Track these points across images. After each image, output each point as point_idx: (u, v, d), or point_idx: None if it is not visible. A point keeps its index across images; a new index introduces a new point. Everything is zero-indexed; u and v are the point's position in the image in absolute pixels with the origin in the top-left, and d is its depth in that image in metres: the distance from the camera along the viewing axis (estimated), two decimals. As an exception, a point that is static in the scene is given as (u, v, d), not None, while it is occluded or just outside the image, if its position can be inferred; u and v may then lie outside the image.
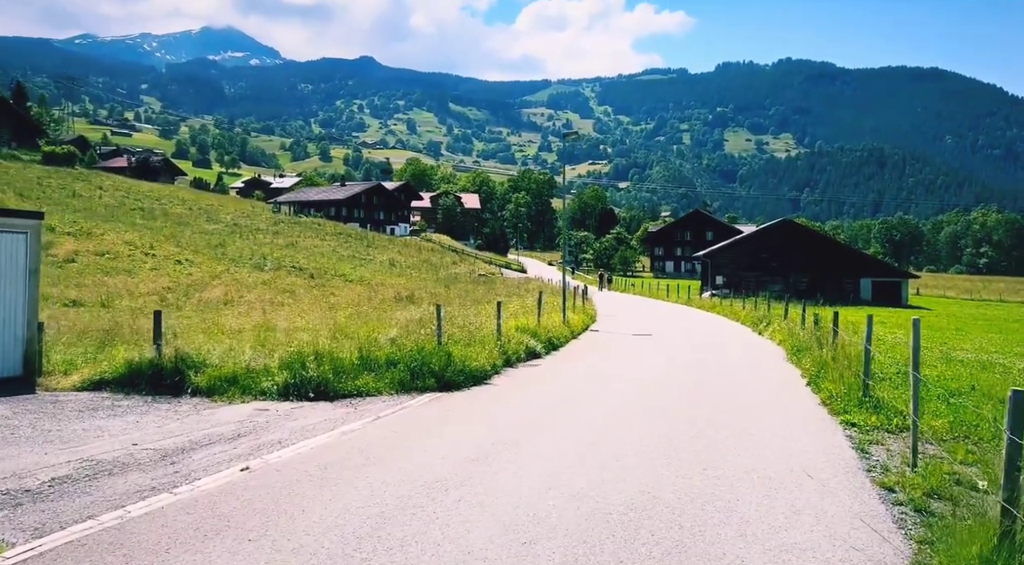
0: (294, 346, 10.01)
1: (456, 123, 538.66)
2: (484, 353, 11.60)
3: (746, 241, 59.98)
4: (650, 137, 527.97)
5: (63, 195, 50.82)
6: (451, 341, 11.66)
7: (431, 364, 10.04)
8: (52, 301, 23.34)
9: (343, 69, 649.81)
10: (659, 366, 13.22)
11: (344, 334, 13.15)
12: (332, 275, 42.71)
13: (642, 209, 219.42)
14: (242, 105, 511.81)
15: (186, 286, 30.43)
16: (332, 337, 12.89)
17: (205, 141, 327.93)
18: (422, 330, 11.90)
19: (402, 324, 13.11)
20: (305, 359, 9.34)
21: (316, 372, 9.16)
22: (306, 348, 9.75)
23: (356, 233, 69.80)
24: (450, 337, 11.91)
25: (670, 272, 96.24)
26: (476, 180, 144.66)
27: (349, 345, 10.64)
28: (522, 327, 14.76)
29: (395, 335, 11.73)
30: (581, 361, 13.80)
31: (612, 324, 23.18)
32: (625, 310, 32.86)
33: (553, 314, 19.01)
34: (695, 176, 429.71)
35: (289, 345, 10.18)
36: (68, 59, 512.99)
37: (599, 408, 8.43)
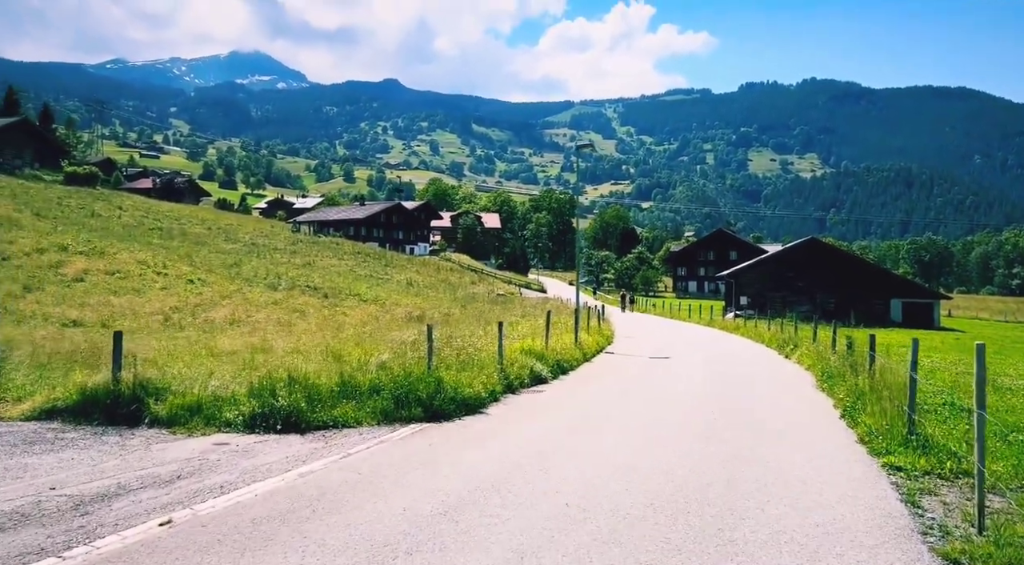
0: (265, 371, 9.04)
1: (479, 144, 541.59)
2: (481, 378, 10.57)
3: (771, 260, 58.49)
4: (673, 157, 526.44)
5: (82, 215, 50.81)
6: (444, 365, 10.65)
7: (418, 391, 9.02)
8: (52, 321, 22.79)
9: (368, 92, 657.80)
10: (674, 395, 12.07)
11: (336, 356, 12.23)
12: (347, 295, 42.02)
13: (665, 229, 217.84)
14: (269, 128, 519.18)
15: (193, 306, 29.82)
16: (324, 359, 11.98)
17: (231, 163, 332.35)
18: (412, 353, 10.88)
19: (396, 345, 12.14)
20: (276, 386, 8.36)
21: (287, 401, 8.17)
22: (279, 373, 8.78)
23: (374, 252, 69.30)
24: (443, 361, 10.89)
25: (693, 292, 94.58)
26: (497, 200, 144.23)
27: (331, 369, 9.67)
28: (528, 349, 13.71)
29: (387, 358, 10.74)
30: (588, 388, 12.68)
31: (629, 346, 22.05)
32: (644, 331, 31.67)
33: (565, 335, 17.95)
34: (719, 196, 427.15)
35: (272, 368, 9.22)
36: (100, 83, 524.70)
37: (599, 456, 7.34)
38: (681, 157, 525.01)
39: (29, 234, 37.24)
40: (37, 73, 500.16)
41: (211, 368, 10.10)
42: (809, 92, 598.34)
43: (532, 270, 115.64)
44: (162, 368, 9.78)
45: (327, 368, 9.67)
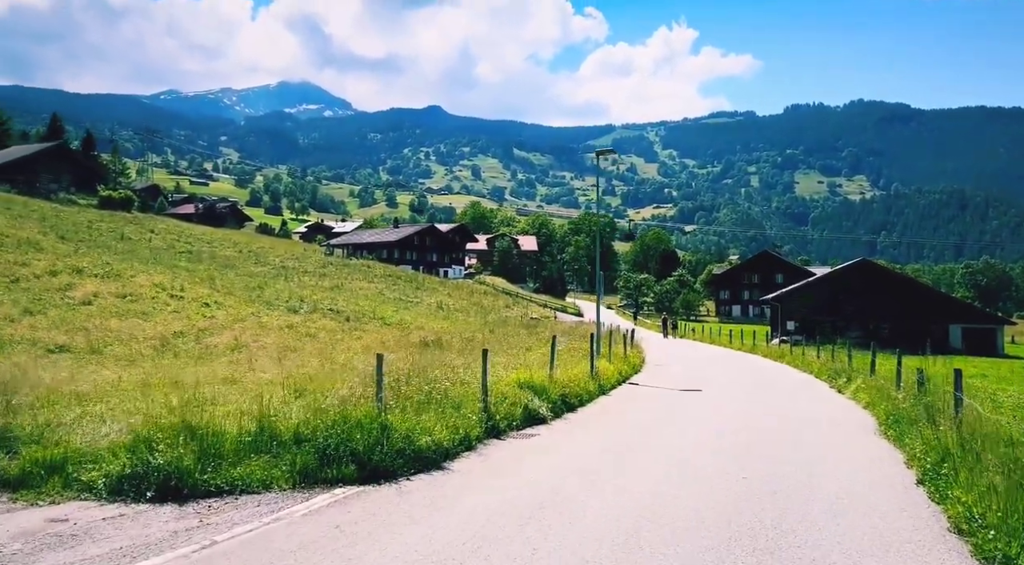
0: (162, 413, 7.03)
1: (520, 168, 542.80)
2: (451, 421, 8.45)
3: (820, 283, 55.31)
4: (717, 180, 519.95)
5: (111, 238, 50.34)
6: (402, 406, 8.52)
7: (352, 442, 6.95)
8: (38, 346, 21.43)
9: (411, 118, 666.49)
10: (699, 443, 9.70)
11: (300, 391, 10.29)
12: (371, 318, 40.34)
13: (708, 252, 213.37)
14: (315, 155, 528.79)
15: (199, 330, 28.35)
16: (291, 393, 10.08)
17: (277, 189, 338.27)
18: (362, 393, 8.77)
19: (365, 377, 10.07)
20: (157, 437, 6.36)
21: (168, 457, 6.17)
22: (168, 419, 6.78)
23: (406, 275, 67.84)
24: (406, 399, 8.75)
25: (737, 316, 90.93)
26: (535, 223, 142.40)
27: (270, 409, 7.63)
28: (525, 382, 11.52)
29: (346, 394, 8.68)
30: (591, 434, 10.38)
31: (658, 375, 19.65)
32: (679, 357, 29.10)
33: (582, 363, 15.71)
34: (764, 219, 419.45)
35: (169, 410, 7.22)
36: (154, 113, 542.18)
37: (590, 544, 5.09)
38: (725, 180, 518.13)
39: (47, 256, 36.44)
40: (95, 104, 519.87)
41: (117, 409, 8.16)
42: (857, 113, 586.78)
43: (570, 293, 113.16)
44: (48, 409, 7.87)
45: (251, 411, 7.64)
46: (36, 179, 61.62)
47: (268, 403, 7.89)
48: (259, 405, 7.32)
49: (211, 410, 7.55)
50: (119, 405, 8.73)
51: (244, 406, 7.98)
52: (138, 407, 8.13)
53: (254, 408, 7.45)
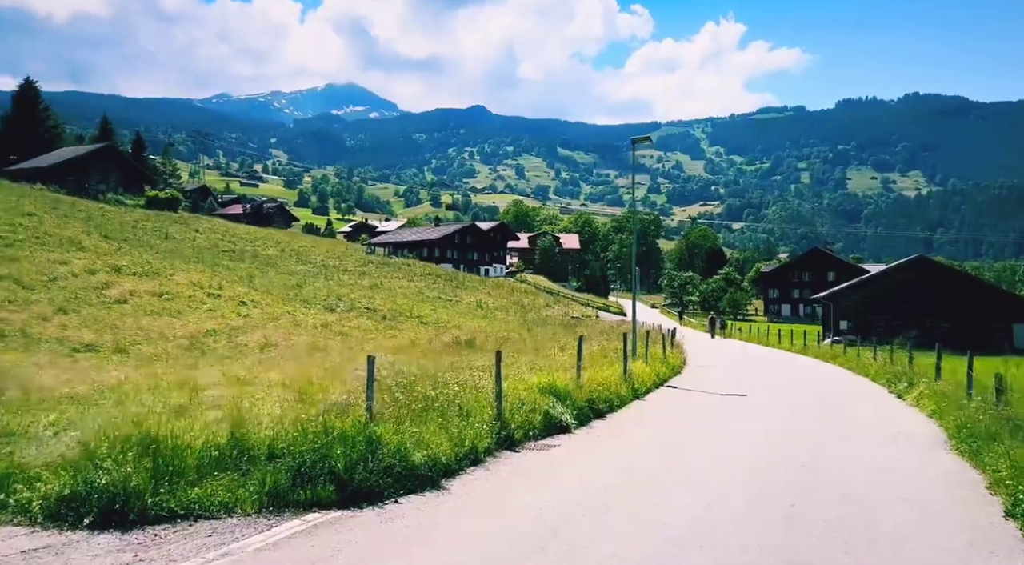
0: (118, 422, 6.21)
1: (564, 167, 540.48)
2: (459, 430, 7.49)
3: (874, 281, 52.94)
4: (766, 177, 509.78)
5: (155, 237, 50.81)
6: (402, 411, 7.57)
7: (332, 458, 6.04)
8: (65, 345, 21.20)
9: (455, 118, 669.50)
10: (741, 459, 8.53)
11: (303, 395, 9.49)
12: (408, 317, 39.75)
13: (756, 250, 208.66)
14: (361, 156, 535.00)
15: (232, 329, 28.00)
16: (298, 398, 9.29)
17: (325, 190, 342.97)
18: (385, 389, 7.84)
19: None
20: (96, 453, 5.52)
21: (115, 476, 5.34)
22: (125, 428, 5.95)
23: (446, 274, 67.30)
24: (402, 406, 7.79)
25: (787, 316, 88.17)
26: (578, 221, 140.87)
27: (255, 416, 6.79)
28: (547, 386, 10.49)
29: (340, 400, 7.80)
30: (621, 445, 9.27)
31: (700, 378, 18.39)
32: (724, 358, 27.65)
33: (616, 365, 14.60)
34: (815, 216, 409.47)
35: (124, 419, 6.40)
36: (206, 117, 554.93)
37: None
38: (774, 176, 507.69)
39: (87, 255, 36.69)
40: (150, 108, 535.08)
41: (93, 416, 7.39)
42: (912, 107, 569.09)
43: (613, 292, 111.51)
44: (18, 415, 7.15)
45: (231, 417, 6.79)
46: (85, 180, 62.75)
47: (250, 410, 7.06)
48: (234, 413, 6.47)
49: (194, 418, 6.77)
50: (97, 411, 8.00)
51: (230, 414, 7.14)
52: (112, 414, 7.36)
53: (234, 417, 6.61)
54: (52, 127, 75.67)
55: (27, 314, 24.00)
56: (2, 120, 73.92)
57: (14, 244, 35.15)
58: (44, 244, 37.57)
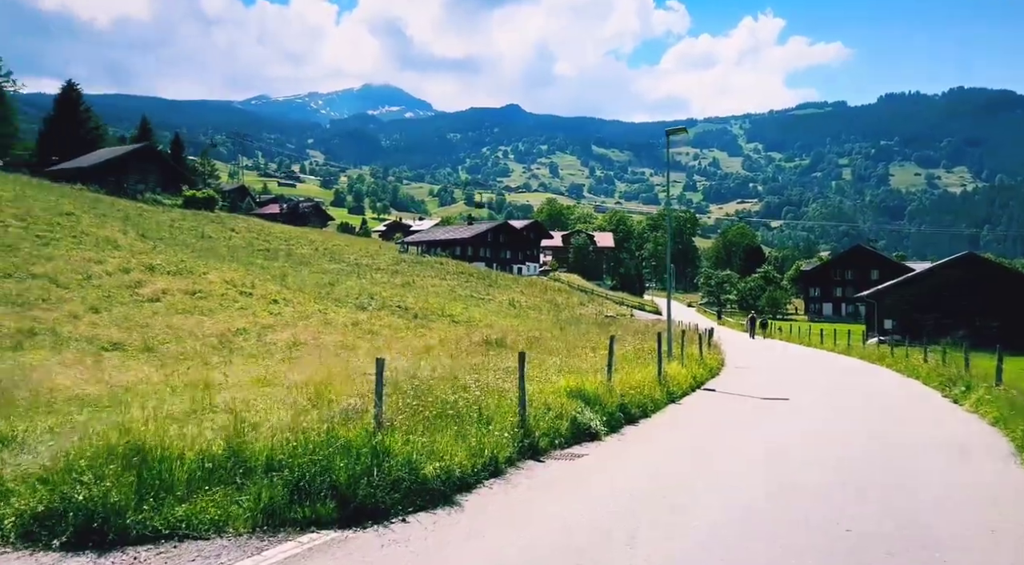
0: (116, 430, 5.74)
1: (599, 165, 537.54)
2: (478, 439, 6.91)
3: (920, 279, 51.18)
4: (805, 173, 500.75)
5: (191, 236, 51.24)
6: (416, 418, 7.01)
7: (334, 471, 5.50)
8: (94, 344, 21.14)
9: (490, 117, 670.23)
10: (784, 473, 7.77)
11: (319, 396, 9.01)
12: (439, 315, 39.37)
13: (796, 248, 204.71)
14: (396, 155, 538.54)
15: (262, 327, 27.84)
16: (312, 401, 8.83)
17: (360, 189, 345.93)
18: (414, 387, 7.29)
19: (389, 379, 8.63)
20: (76, 466, 5.04)
21: (93, 492, 4.85)
22: (113, 436, 5.47)
23: (479, 272, 66.94)
24: (414, 412, 7.22)
25: (828, 315, 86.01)
26: (612, 219, 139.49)
27: (274, 421, 6.29)
28: (576, 390, 9.85)
29: (353, 405, 7.28)
30: (653, 454, 8.56)
31: (740, 379, 17.55)
32: (764, 359, 26.65)
33: (651, 367, 13.89)
34: (856, 213, 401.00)
35: (112, 426, 5.93)
36: (245, 118, 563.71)
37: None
38: (814, 173, 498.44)
39: (122, 254, 36.98)
40: (190, 110, 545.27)
41: (94, 420, 6.98)
42: (956, 101, 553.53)
43: (648, 291, 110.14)
44: (12, 420, 6.75)
45: (232, 424, 6.28)
46: (124, 180, 63.68)
47: (259, 415, 6.56)
48: (234, 421, 5.97)
49: (198, 422, 6.29)
50: (95, 416, 7.60)
51: (232, 421, 6.65)
52: (107, 419, 6.92)
53: (229, 424, 6.11)
54: (93, 128, 77.04)
55: (59, 313, 24.03)
56: (44, 121, 75.53)
57: (51, 243, 35.48)
58: (81, 243, 37.89)
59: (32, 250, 32.18)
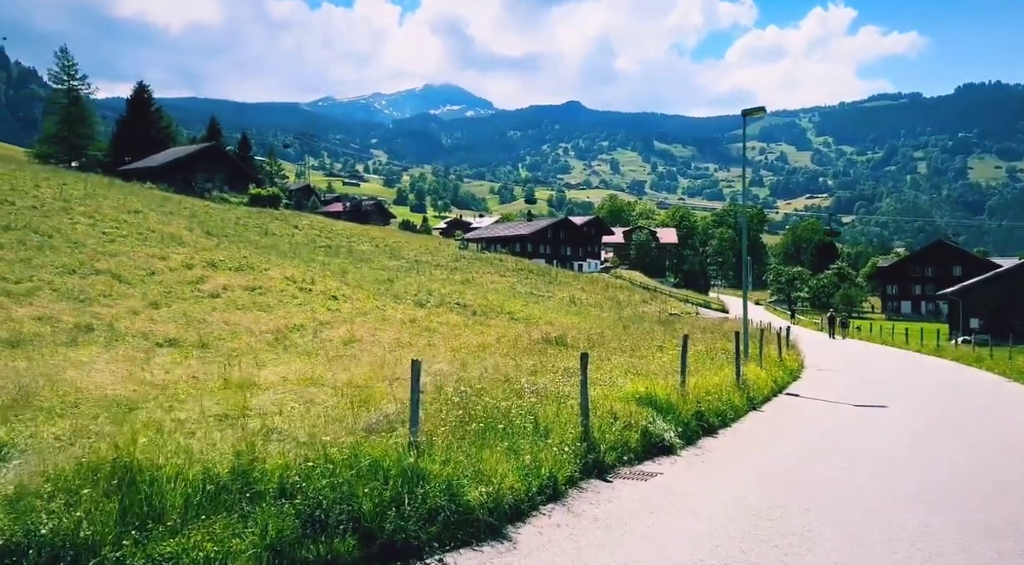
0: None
1: (661, 161, 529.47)
2: (533, 456, 5.86)
3: (1009, 275, 47.94)
4: (878, 167, 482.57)
5: (255, 234, 51.74)
6: (459, 432, 5.99)
7: (357, 498, 4.52)
8: (149, 340, 20.95)
9: (550, 115, 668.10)
10: (908, 510, 6.40)
11: (364, 400, 8.14)
12: (498, 312, 38.53)
13: (869, 244, 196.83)
14: (457, 154, 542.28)
15: (319, 323, 27.44)
16: (354, 404, 7.98)
17: (422, 188, 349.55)
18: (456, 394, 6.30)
19: (435, 381, 7.68)
20: (41, 492, 4.16)
21: (63, 522, 3.97)
22: (102, 452, 4.60)
23: (538, 269, 65.90)
24: (458, 423, 6.18)
25: (907, 313, 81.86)
26: (675, 215, 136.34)
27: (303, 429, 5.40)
28: (645, 396, 8.68)
29: (391, 411, 6.33)
30: (740, 474, 7.26)
31: (823, 383, 16.00)
32: (846, 360, 24.76)
33: (725, 369, 12.59)
34: (933, 208, 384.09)
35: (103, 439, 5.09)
36: (311, 119, 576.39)
37: None
38: (887, 167, 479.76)
39: (186, 250, 37.31)
40: (260, 112, 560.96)
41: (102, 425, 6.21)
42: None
43: (713, 288, 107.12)
44: (21, 424, 6.03)
45: (249, 436, 5.39)
46: (192, 178, 65.00)
47: (283, 422, 5.66)
48: (243, 435, 5.05)
49: (224, 429, 5.44)
50: (116, 420, 6.85)
51: (244, 433, 5.77)
52: (107, 428, 6.13)
53: (235, 441, 5.19)
54: (164, 128, 79.09)
55: (119, 308, 23.99)
56: (117, 122, 77.93)
57: (116, 240, 35.92)
58: (146, 240, 38.32)
59: (97, 246, 32.56)
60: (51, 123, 73.48)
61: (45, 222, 34.93)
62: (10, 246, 29.12)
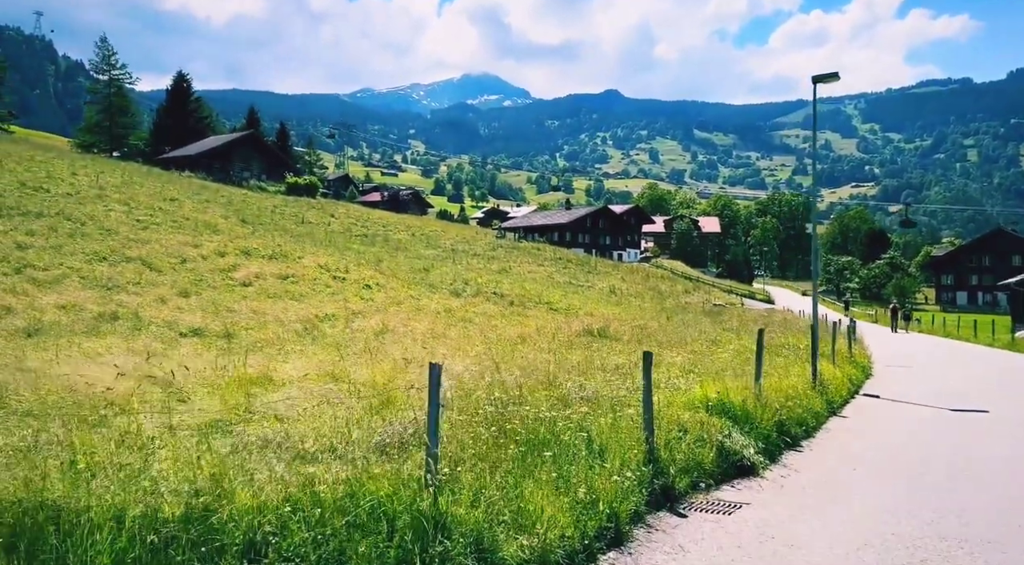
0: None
1: (701, 150, 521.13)
2: (588, 486, 4.55)
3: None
4: (926, 155, 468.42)
5: (291, 222, 51.27)
6: (492, 456, 4.66)
7: (349, 560, 3.26)
8: (173, 328, 20.13)
9: (588, 104, 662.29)
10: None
11: (387, 402, 6.98)
12: (536, 303, 37.26)
13: (918, 233, 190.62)
14: (495, 144, 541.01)
15: (351, 313, 26.47)
16: (372, 405, 6.84)
17: (459, 178, 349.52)
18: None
19: (467, 379, 6.43)
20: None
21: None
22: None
23: (577, 258, 64.49)
24: (495, 445, 4.84)
25: (963, 305, 78.45)
26: (717, 204, 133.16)
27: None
28: (716, 402, 7.27)
29: (406, 425, 5.07)
30: (847, 505, 5.71)
31: (902, 383, 14.33)
32: (913, 355, 22.86)
33: (792, 368, 11.10)
34: (984, 197, 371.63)
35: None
36: (350, 110, 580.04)
37: None
38: (936, 155, 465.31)
39: (220, 238, 36.73)
40: (300, 103, 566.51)
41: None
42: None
43: (757, 279, 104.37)
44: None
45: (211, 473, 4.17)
46: (230, 167, 64.84)
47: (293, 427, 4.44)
48: (207, 462, 3.82)
49: (202, 444, 4.25)
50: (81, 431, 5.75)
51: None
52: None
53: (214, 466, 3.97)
54: (204, 118, 79.22)
55: (147, 296, 23.24)
56: (157, 112, 78.32)
57: (150, 227, 35.44)
58: (180, 227, 37.83)
59: (130, 234, 32.02)
60: (92, 113, 74.06)
61: (79, 209, 34.55)
62: (41, 233, 28.64)
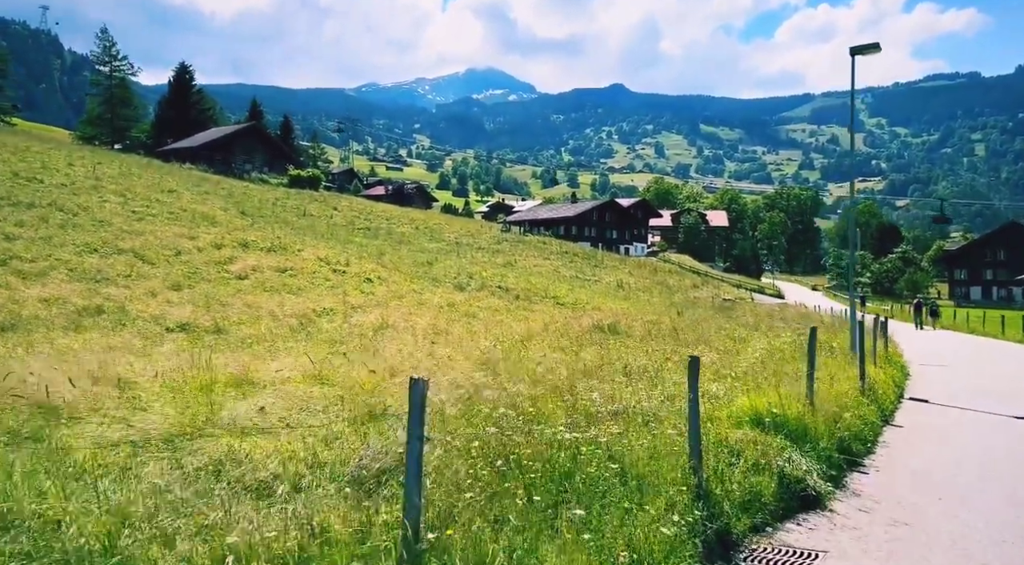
0: None
1: (707, 144, 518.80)
2: (627, 538, 3.42)
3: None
4: (934, 149, 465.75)
5: (293, 215, 50.31)
6: (495, 507, 3.49)
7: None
8: (159, 323, 19.08)
9: (593, 98, 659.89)
10: None
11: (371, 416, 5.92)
12: (543, 297, 36.19)
13: (926, 228, 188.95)
14: (500, 138, 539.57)
15: (350, 307, 25.40)
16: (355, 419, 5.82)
17: (464, 172, 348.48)
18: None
19: (467, 389, 5.37)
20: None
21: None
22: None
23: (584, 252, 63.42)
24: (496, 492, 3.63)
25: (977, 299, 77.04)
26: (724, 198, 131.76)
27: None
28: (767, 415, 6.10)
29: (387, 457, 3.96)
30: (943, 555, 4.47)
31: (943, 384, 13.15)
32: (943, 354, 21.61)
33: (834, 371, 9.94)
34: (992, 191, 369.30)
35: None
36: (356, 105, 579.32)
37: None
38: (943, 149, 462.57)
39: (218, 230, 35.71)
40: (305, 97, 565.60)
41: None
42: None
43: (766, 273, 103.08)
44: None
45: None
46: (231, 159, 63.85)
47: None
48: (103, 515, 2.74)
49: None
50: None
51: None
52: None
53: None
54: (206, 110, 78.18)
55: (136, 290, 22.16)
56: (159, 104, 77.33)
57: (145, 218, 34.41)
58: (177, 219, 36.82)
59: (124, 225, 30.98)
60: (94, 105, 73.08)
61: (72, 200, 33.51)
62: (31, 224, 27.62)
